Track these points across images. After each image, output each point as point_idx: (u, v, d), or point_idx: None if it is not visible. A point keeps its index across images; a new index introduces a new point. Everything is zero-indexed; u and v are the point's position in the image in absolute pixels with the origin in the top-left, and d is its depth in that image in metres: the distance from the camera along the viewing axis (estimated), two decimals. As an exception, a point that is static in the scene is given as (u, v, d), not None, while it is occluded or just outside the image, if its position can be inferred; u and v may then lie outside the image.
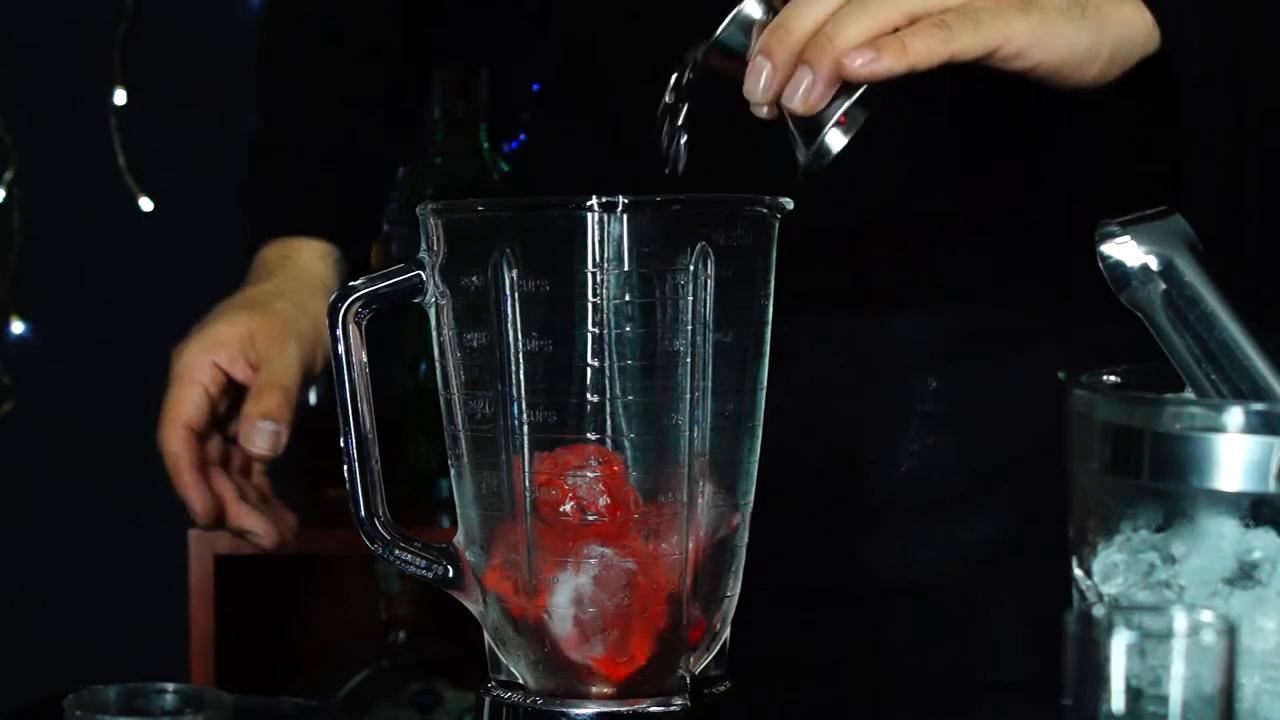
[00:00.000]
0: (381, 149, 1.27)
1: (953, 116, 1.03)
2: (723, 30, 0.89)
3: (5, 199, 2.05)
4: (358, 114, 1.24)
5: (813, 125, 0.84)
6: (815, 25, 0.82)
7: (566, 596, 0.81)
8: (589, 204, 0.79)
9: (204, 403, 1.12)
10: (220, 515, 1.13)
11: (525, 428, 0.80)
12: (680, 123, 0.91)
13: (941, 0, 0.83)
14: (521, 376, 0.80)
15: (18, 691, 2.06)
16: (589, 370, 0.80)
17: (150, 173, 2.05)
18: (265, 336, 1.13)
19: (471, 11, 1.31)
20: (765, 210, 0.83)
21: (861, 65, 0.81)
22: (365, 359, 0.84)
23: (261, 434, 1.11)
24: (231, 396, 1.14)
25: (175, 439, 1.12)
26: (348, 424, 0.84)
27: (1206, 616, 0.58)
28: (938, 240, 1.04)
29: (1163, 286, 0.79)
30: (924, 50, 0.82)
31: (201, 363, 1.12)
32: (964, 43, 0.83)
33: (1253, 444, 0.70)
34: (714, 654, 0.84)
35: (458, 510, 0.84)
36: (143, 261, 2.04)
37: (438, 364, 0.84)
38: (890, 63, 0.81)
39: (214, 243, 2.11)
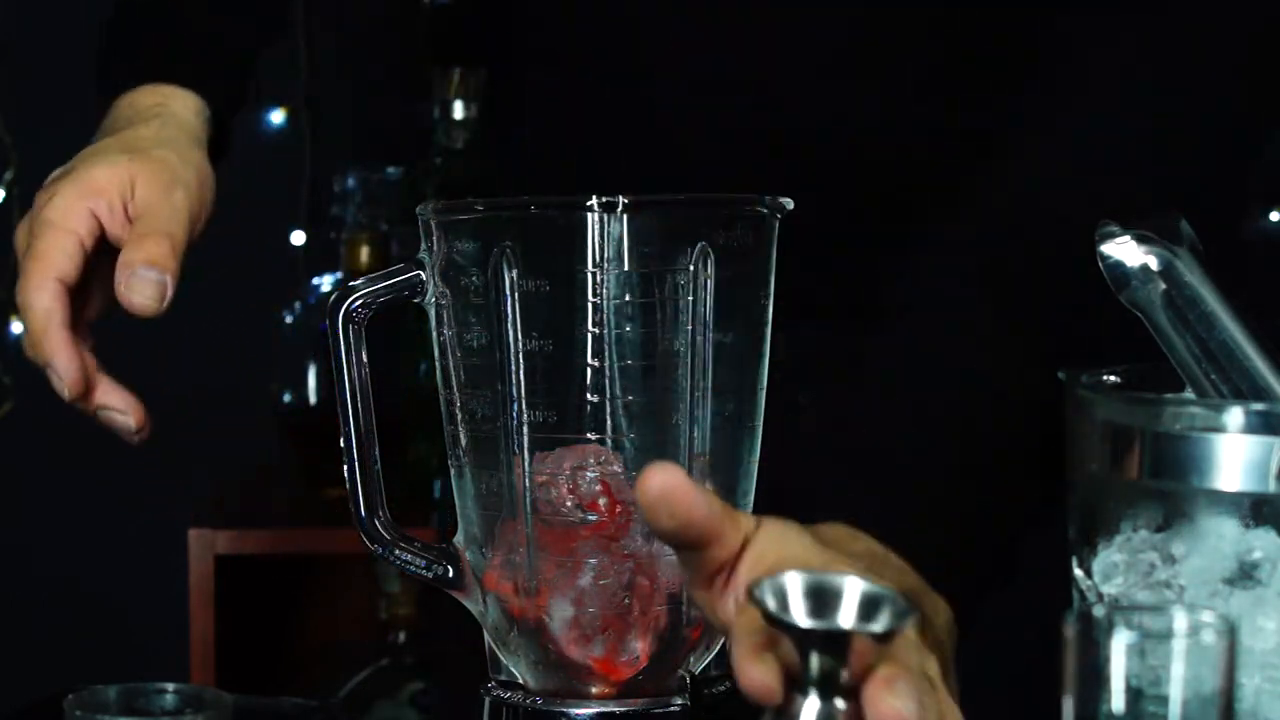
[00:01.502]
0: (251, 28, 1.18)
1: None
2: None
3: (5, 199, 2.05)
4: None
5: None
6: None
7: (566, 596, 0.81)
8: (589, 204, 0.79)
9: (79, 255, 0.98)
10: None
11: (525, 428, 0.80)
12: None
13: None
14: (521, 376, 0.80)
15: (18, 691, 2.05)
16: (589, 370, 0.80)
17: (150, 173, 2.05)
18: (148, 184, 1.01)
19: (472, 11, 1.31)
20: (765, 210, 0.83)
21: None
22: (365, 359, 0.84)
23: (145, 283, 0.97)
24: (98, 253, 1.00)
25: (46, 292, 0.96)
26: (348, 424, 0.83)
27: (1206, 616, 0.58)
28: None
29: (1163, 286, 0.79)
30: None
31: (77, 209, 0.99)
32: None
33: (1253, 444, 0.70)
34: (714, 654, 0.84)
35: (458, 510, 0.84)
36: (143, 261, 2.04)
37: (438, 364, 0.84)
38: None
39: (213, 242, 2.11)
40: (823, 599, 0.61)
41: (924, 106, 1.03)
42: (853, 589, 0.61)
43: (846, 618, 0.61)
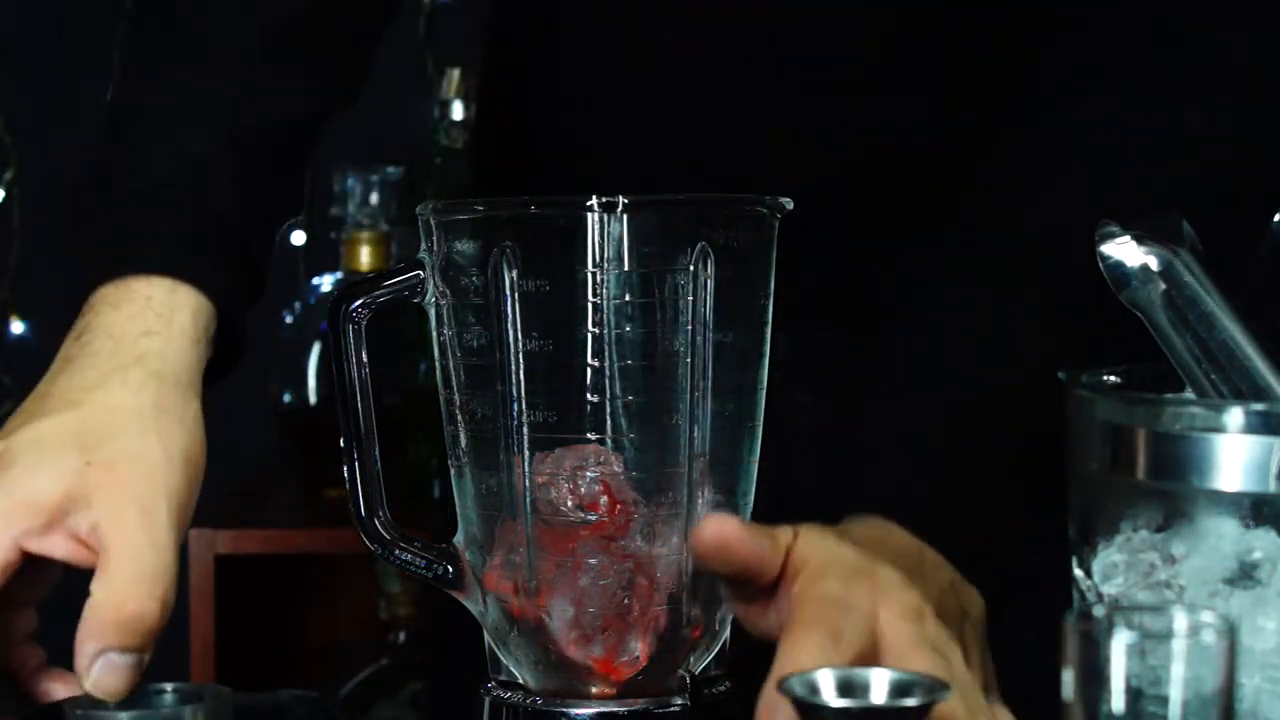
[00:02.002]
0: (294, 190, 0.92)
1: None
2: None
3: (5, 199, 2.05)
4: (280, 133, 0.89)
5: None
6: None
7: (566, 596, 0.81)
8: (589, 204, 0.79)
9: None
10: None
11: (525, 428, 0.80)
12: None
13: None
14: (521, 376, 0.80)
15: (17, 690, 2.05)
16: (589, 370, 0.80)
17: (150, 173, 2.05)
18: (116, 504, 0.78)
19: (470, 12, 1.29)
20: (765, 210, 0.83)
21: None
22: (365, 359, 0.84)
23: (117, 672, 0.76)
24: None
25: None
26: (348, 424, 0.83)
27: (1206, 616, 0.58)
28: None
29: (1163, 286, 0.79)
30: None
31: (1, 539, 0.76)
32: None
33: (1253, 444, 0.70)
34: (714, 654, 0.84)
35: (458, 510, 0.84)
36: (143, 261, 2.04)
37: (438, 364, 0.84)
38: None
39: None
40: (852, 693, 0.60)
41: (925, 106, 1.03)
42: (879, 680, 0.60)
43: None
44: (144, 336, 0.82)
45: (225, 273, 0.85)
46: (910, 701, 0.59)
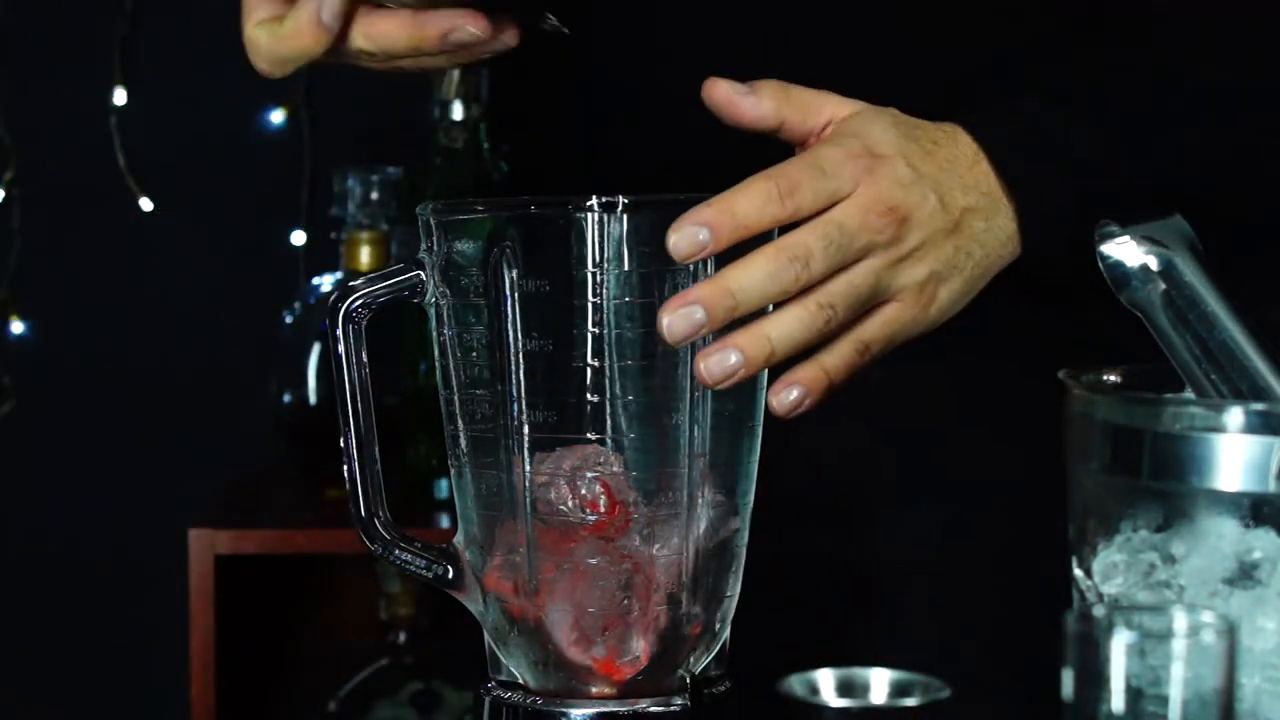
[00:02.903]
0: None
1: None
2: None
3: (5, 199, 2.05)
4: None
5: None
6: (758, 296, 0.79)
7: (566, 597, 0.81)
8: (589, 204, 0.79)
9: None
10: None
11: (525, 428, 0.80)
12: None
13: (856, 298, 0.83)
14: (521, 376, 0.80)
15: (18, 691, 2.05)
16: (589, 370, 0.80)
17: (150, 173, 2.05)
18: None
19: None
20: (765, 210, 0.83)
21: (784, 402, 0.81)
22: (365, 359, 0.84)
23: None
24: None
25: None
26: (348, 424, 0.84)
27: (1206, 616, 0.58)
28: None
29: (1163, 286, 0.79)
30: (840, 374, 0.83)
31: None
32: (874, 354, 0.85)
33: (1253, 444, 0.71)
34: (714, 654, 0.84)
35: (458, 510, 0.84)
36: (143, 261, 2.04)
37: (438, 364, 0.84)
38: (811, 400, 0.82)
39: (214, 243, 2.11)
40: (852, 693, 0.61)
41: (926, 107, 1.03)
42: (879, 680, 0.61)
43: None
44: None
45: None
46: (910, 701, 0.59)
